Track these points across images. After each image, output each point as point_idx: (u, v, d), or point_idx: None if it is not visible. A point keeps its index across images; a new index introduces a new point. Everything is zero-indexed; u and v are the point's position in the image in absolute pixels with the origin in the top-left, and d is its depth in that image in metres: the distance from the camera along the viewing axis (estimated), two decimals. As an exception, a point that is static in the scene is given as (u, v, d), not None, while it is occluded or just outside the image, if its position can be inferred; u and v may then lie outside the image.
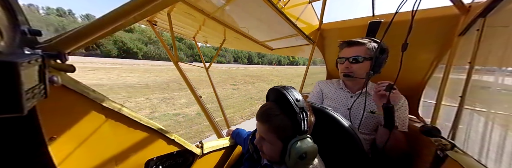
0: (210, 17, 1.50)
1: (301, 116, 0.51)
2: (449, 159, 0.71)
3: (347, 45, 1.04)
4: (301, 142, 0.51)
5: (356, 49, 0.99)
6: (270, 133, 0.57)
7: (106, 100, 0.54)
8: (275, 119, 0.55)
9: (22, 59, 0.27)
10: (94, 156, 0.57)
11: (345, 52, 1.04)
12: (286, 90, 0.56)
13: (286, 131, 0.55)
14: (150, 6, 0.45)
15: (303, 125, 0.51)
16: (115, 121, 0.59)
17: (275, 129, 0.56)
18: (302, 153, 0.50)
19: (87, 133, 0.54)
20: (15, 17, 0.32)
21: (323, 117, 0.78)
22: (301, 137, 0.52)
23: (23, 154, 0.41)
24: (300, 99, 0.54)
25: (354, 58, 0.98)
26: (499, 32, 0.85)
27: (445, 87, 1.03)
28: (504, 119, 0.85)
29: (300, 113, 0.51)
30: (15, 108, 0.27)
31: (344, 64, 1.03)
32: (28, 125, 0.39)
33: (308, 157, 0.51)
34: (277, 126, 0.55)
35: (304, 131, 0.52)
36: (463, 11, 1.05)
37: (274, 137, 0.57)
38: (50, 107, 0.44)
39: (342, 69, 1.06)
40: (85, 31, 0.41)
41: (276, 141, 0.57)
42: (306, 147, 0.51)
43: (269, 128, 0.57)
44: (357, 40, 1.01)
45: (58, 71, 0.43)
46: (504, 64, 0.79)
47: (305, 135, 0.53)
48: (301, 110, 0.52)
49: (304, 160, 0.51)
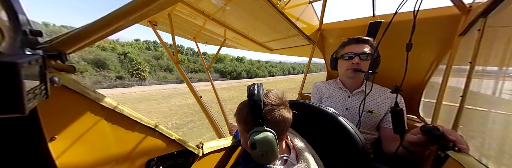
0: (210, 18, 1.50)
1: (253, 108, 0.56)
2: (449, 159, 0.71)
3: (356, 41, 1.03)
4: (256, 133, 0.56)
5: (365, 46, 1.00)
6: (239, 124, 0.66)
7: (107, 101, 0.55)
8: (241, 112, 0.63)
9: (23, 60, 0.27)
10: (95, 156, 0.57)
11: (353, 48, 1.02)
12: (249, 86, 0.62)
13: (248, 123, 0.60)
14: (150, 7, 0.45)
15: (258, 116, 0.56)
16: (116, 121, 0.59)
17: (240, 120, 0.63)
18: (252, 143, 0.55)
19: (88, 133, 0.54)
20: (16, 18, 0.32)
21: (324, 118, 0.78)
22: (257, 129, 0.56)
23: (24, 154, 0.41)
24: (256, 94, 0.58)
25: (366, 54, 0.98)
26: (500, 32, 0.85)
27: (446, 86, 1.03)
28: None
29: (252, 104, 0.56)
30: (16, 109, 0.27)
31: (352, 60, 1.01)
32: (29, 126, 0.40)
33: (259, 147, 0.54)
34: (241, 117, 0.62)
35: (258, 123, 0.56)
36: (464, 11, 1.04)
37: (242, 128, 0.64)
38: (51, 108, 0.44)
39: (349, 65, 1.02)
40: (86, 31, 0.41)
41: (243, 132, 0.64)
42: (257, 138, 0.54)
43: (236, 119, 0.65)
44: (366, 38, 1.01)
45: (58, 72, 0.43)
46: (505, 64, 0.79)
47: (262, 127, 0.56)
48: (254, 102, 0.56)
49: (255, 150, 0.55)
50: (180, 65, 2.33)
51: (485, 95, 0.84)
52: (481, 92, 0.86)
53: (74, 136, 0.51)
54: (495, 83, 0.80)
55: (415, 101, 1.37)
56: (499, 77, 0.79)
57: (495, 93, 0.79)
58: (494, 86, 0.80)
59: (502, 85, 0.77)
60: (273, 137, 0.55)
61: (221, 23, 1.62)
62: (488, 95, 0.82)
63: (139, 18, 0.51)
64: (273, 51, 2.57)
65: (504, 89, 0.77)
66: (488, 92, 0.82)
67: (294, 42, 1.99)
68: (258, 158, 0.57)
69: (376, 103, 1.02)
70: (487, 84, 0.84)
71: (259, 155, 0.56)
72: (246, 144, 0.62)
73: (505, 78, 0.77)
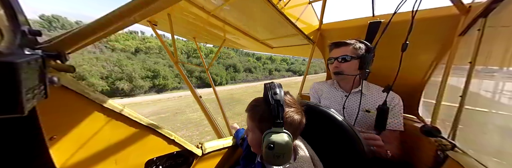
0: (210, 14, 1.50)
1: (275, 107, 0.55)
2: (449, 159, 0.71)
3: (335, 46, 1.10)
4: (274, 134, 0.54)
5: (343, 49, 1.05)
6: (251, 121, 0.63)
7: (107, 101, 0.54)
8: (255, 108, 0.62)
9: (22, 60, 0.27)
10: (94, 156, 0.57)
11: (333, 53, 1.10)
12: (269, 85, 0.62)
13: (263, 122, 0.59)
14: (150, 7, 0.45)
15: (276, 116, 0.54)
16: (115, 121, 0.59)
17: (253, 117, 0.62)
18: (270, 143, 0.52)
19: (87, 133, 0.54)
20: (15, 17, 0.32)
21: (324, 118, 0.78)
22: (276, 130, 0.55)
23: (24, 154, 0.41)
24: (279, 93, 0.57)
25: (342, 58, 1.04)
26: (500, 32, 0.85)
27: (445, 87, 1.03)
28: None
29: (274, 104, 0.55)
30: (15, 109, 0.27)
31: (334, 64, 1.09)
32: (29, 125, 0.39)
33: (276, 148, 0.52)
34: (256, 114, 0.61)
35: (278, 123, 0.54)
36: (463, 11, 1.04)
37: (254, 125, 0.62)
38: (50, 107, 0.44)
39: (332, 69, 1.11)
40: (86, 31, 0.41)
41: (255, 130, 0.62)
42: (276, 139, 0.53)
43: (249, 116, 0.63)
44: (344, 41, 1.07)
45: (58, 72, 0.43)
46: (506, 64, 0.79)
47: (280, 129, 0.55)
48: (276, 102, 0.55)
49: (272, 151, 0.52)
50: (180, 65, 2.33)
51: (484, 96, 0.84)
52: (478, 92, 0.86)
53: (74, 135, 0.51)
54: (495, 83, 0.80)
55: (414, 101, 1.38)
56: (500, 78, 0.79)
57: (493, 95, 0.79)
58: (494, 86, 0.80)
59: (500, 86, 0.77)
60: (291, 139, 0.54)
61: (221, 20, 1.61)
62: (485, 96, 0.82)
63: (139, 18, 0.51)
64: (273, 49, 2.56)
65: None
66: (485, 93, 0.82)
67: (294, 41, 1.99)
68: (272, 159, 0.54)
69: (373, 102, 1.03)
70: (486, 84, 0.84)
71: (275, 156, 0.53)
72: (255, 142, 0.61)
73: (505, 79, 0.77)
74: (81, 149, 0.53)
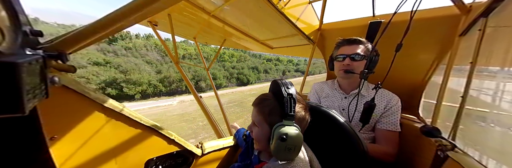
0: (210, 15, 1.50)
1: (288, 100, 0.55)
2: (449, 160, 0.71)
3: (347, 43, 1.05)
4: (285, 126, 0.54)
5: (357, 47, 1.01)
6: (259, 115, 0.63)
7: (107, 100, 0.55)
8: (265, 102, 0.62)
9: (23, 60, 0.28)
10: (94, 156, 0.57)
11: (345, 50, 1.04)
12: (280, 80, 0.62)
13: (272, 115, 0.59)
14: (150, 7, 0.45)
15: (288, 109, 0.54)
16: (116, 121, 0.59)
17: (262, 111, 0.62)
18: (283, 135, 0.51)
19: (88, 132, 0.54)
20: (17, 18, 0.32)
21: (324, 118, 0.78)
22: (286, 123, 0.54)
23: (25, 153, 0.41)
24: (291, 88, 0.58)
25: (356, 56, 1.00)
26: (501, 32, 0.85)
27: (446, 87, 1.03)
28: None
29: (287, 97, 0.55)
30: (16, 108, 0.28)
31: (344, 61, 1.03)
32: (29, 125, 0.40)
33: (289, 140, 0.52)
34: (265, 108, 0.61)
35: (290, 116, 0.54)
36: (464, 11, 1.04)
37: (262, 119, 0.62)
38: (51, 107, 0.45)
39: (341, 66, 1.05)
40: (86, 31, 0.41)
41: (263, 124, 0.61)
42: (288, 131, 0.52)
43: (258, 110, 0.63)
44: (358, 38, 1.02)
45: (59, 72, 0.43)
46: (507, 64, 0.79)
47: (291, 122, 0.55)
48: (289, 95, 0.55)
49: (285, 142, 0.52)
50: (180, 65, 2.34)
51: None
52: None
53: (74, 135, 0.51)
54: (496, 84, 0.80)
55: (414, 102, 1.37)
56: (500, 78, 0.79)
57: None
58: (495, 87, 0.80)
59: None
60: (301, 132, 0.54)
61: (221, 20, 1.61)
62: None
63: (139, 18, 0.51)
64: (273, 49, 2.56)
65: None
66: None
67: (294, 42, 1.99)
68: (283, 152, 0.53)
69: None
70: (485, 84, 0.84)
71: (286, 148, 0.53)
72: (262, 137, 0.61)
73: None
74: (81, 148, 0.53)
